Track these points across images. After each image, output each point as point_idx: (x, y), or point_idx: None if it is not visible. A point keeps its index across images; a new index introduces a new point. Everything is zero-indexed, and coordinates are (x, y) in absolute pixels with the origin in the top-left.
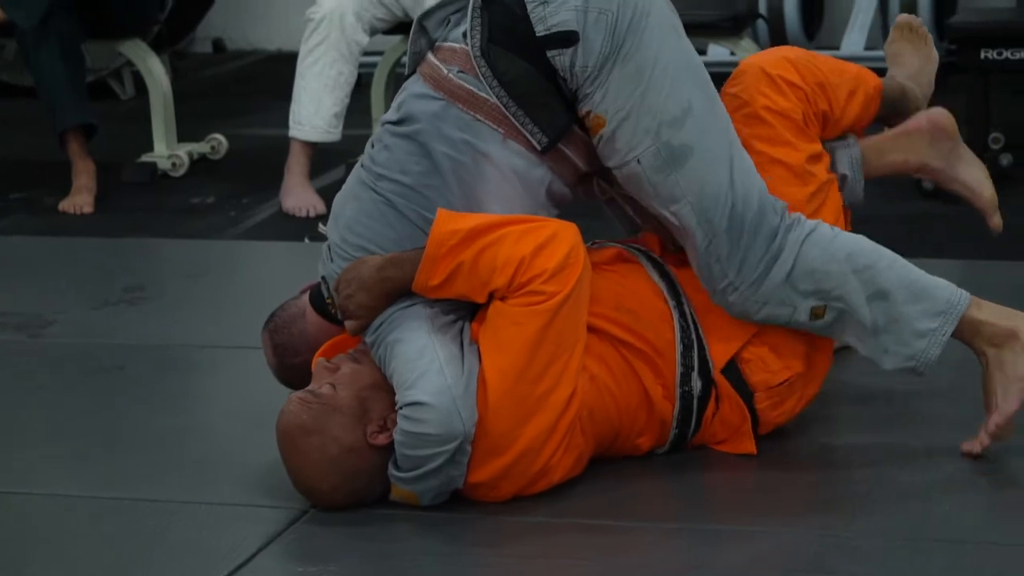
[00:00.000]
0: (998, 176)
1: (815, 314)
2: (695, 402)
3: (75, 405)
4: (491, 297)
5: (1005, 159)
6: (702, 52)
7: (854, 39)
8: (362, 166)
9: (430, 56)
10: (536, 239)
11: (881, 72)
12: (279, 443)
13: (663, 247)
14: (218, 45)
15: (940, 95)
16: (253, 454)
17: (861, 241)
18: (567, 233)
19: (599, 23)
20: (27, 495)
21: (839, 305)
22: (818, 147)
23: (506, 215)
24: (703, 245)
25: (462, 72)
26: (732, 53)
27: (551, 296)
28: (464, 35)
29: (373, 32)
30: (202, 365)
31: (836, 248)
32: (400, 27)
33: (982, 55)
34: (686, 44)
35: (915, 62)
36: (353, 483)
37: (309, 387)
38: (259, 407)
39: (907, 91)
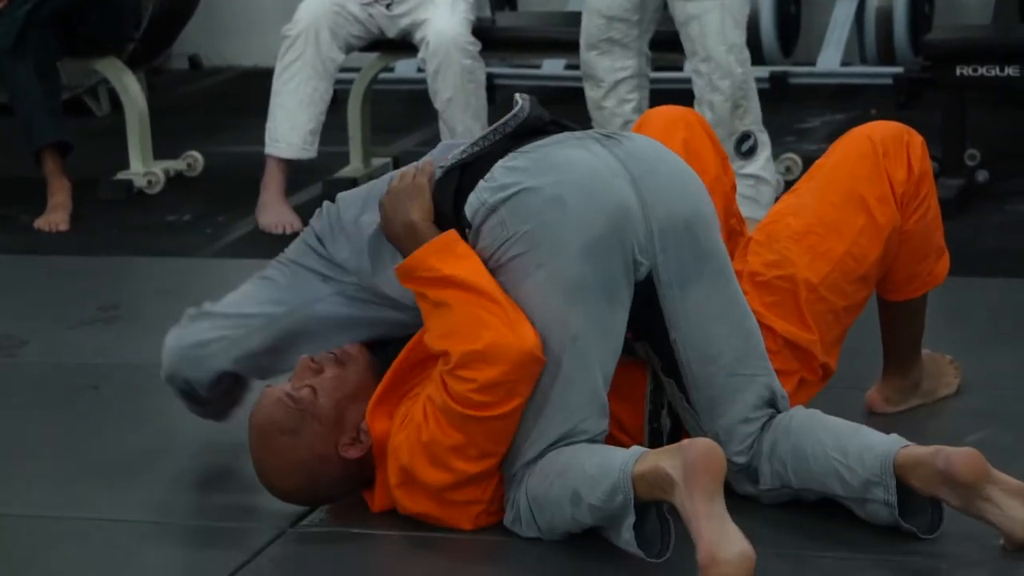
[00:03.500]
0: (975, 192)
1: None
2: (664, 439)
3: (49, 425)
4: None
5: (981, 175)
6: (676, 68)
7: (830, 55)
8: None
9: None
10: (489, 337)
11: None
12: (250, 435)
13: None
14: (194, 62)
15: (916, 110)
16: (229, 473)
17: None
18: (519, 345)
19: (492, 231)
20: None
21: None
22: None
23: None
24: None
25: None
26: None
27: (479, 407)
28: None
29: (349, 49)
30: None
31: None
32: (376, 44)
33: (958, 72)
34: (570, 310)
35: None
36: (315, 487)
37: (289, 386)
38: (234, 426)
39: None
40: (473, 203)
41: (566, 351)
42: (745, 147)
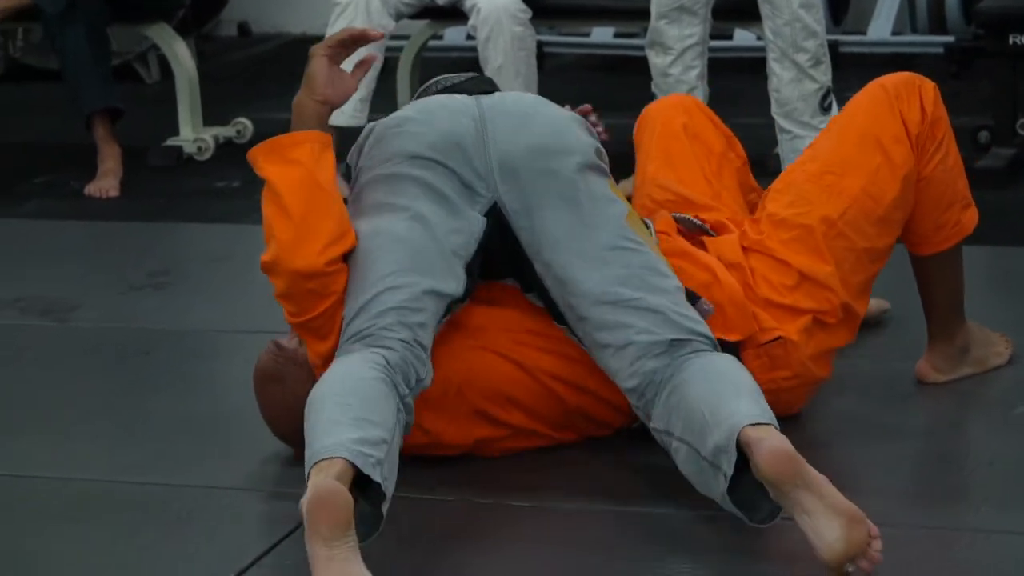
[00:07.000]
0: None
1: None
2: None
3: (100, 390)
4: None
5: None
6: (727, 37)
7: (881, 24)
8: None
9: None
10: (272, 251)
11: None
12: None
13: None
14: (243, 29)
15: (967, 80)
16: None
17: None
18: (290, 266)
19: (361, 154)
20: (51, 479)
21: None
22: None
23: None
24: None
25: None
26: (758, 38)
27: (288, 315)
28: None
29: (399, 17)
30: (227, 350)
31: None
32: (426, 12)
33: (1010, 40)
34: (389, 195)
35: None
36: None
37: (280, 339)
38: None
39: (964, 321)
40: (358, 142)
41: (385, 230)
42: (826, 103)
